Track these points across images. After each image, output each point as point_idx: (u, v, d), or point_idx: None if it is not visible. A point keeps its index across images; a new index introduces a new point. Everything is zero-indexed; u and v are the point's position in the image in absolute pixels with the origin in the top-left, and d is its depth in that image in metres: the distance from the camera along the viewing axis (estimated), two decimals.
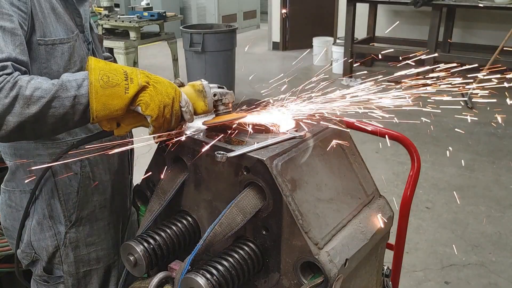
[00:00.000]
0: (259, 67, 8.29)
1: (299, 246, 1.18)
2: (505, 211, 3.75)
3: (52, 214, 1.49)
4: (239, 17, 11.48)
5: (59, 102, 1.11)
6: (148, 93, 1.16)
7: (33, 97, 1.10)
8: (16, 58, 1.16)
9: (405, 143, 1.60)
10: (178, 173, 1.37)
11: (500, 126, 5.37)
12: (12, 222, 1.53)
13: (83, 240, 1.54)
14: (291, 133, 1.31)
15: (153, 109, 1.15)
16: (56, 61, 1.32)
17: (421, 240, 3.40)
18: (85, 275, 1.57)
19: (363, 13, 7.55)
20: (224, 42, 6.02)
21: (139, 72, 1.18)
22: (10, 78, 1.09)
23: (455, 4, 6.47)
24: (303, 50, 9.06)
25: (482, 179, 4.28)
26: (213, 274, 1.15)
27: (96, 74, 1.13)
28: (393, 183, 4.12)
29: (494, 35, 6.82)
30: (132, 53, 6.36)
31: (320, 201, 1.25)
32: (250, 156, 1.19)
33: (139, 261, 1.27)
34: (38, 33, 1.28)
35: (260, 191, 1.21)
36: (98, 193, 1.54)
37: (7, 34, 1.16)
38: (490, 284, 2.97)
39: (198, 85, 1.29)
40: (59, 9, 1.34)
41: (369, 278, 1.44)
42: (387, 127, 1.63)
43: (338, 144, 1.38)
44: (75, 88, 1.13)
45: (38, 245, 1.51)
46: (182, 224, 1.38)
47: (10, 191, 1.51)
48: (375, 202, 1.43)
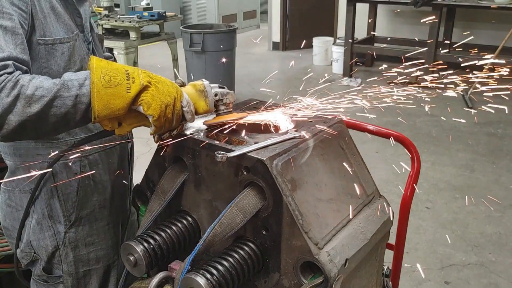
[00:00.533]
0: (259, 67, 8.29)
1: (299, 246, 1.18)
2: (505, 211, 3.75)
3: (51, 214, 1.49)
4: (239, 17, 11.48)
5: (61, 101, 1.11)
6: (150, 93, 1.16)
7: (35, 96, 1.09)
8: (17, 57, 1.16)
9: (405, 143, 1.60)
10: (178, 173, 1.37)
11: (500, 126, 5.37)
12: (12, 221, 1.53)
13: (82, 240, 1.54)
14: (291, 133, 1.31)
15: (154, 108, 1.15)
16: (56, 60, 1.32)
17: (421, 240, 3.40)
18: (84, 275, 1.57)
19: (363, 13, 7.55)
20: (224, 42, 6.02)
21: (141, 72, 1.18)
22: (11, 77, 1.09)
23: (455, 4, 6.48)
24: (303, 50, 9.07)
25: (482, 179, 4.28)
26: (213, 274, 1.15)
27: (98, 73, 1.13)
28: (393, 183, 4.12)
29: (494, 35, 6.82)
30: (132, 53, 6.36)
31: (320, 201, 1.25)
32: (250, 156, 1.19)
33: (139, 261, 1.27)
34: (38, 32, 1.28)
35: (260, 191, 1.21)
36: (97, 193, 1.54)
37: (8, 33, 1.16)
38: (490, 284, 2.97)
39: (199, 85, 1.30)
40: (59, 9, 1.34)
41: (369, 278, 1.44)
42: (387, 127, 1.63)
43: (338, 144, 1.37)
44: (77, 88, 1.13)
45: (37, 245, 1.51)
46: (182, 224, 1.38)
47: (10, 191, 1.51)
48: (375, 202, 1.43)
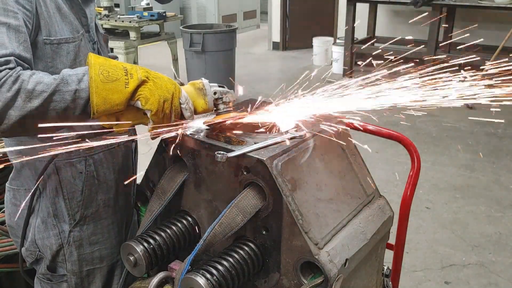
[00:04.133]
0: (259, 67, 8.29)
1: (299, 246, 1.18)
2: (505, 211, 3.75)
3: (56, 213, 1.49)
4: (239, 17, 11.48)
5: (60, 96, 1.12)
6: (148, 88, 1.17)
7: (35, 91, 1.11)
8: (19, 55, 1.17)
9: (405, 143, 1.60)
10: (178, 173, 1.37)
11: (500, 126, 5.37)
12: (17, 220, 1.53)
13: (87, 239, 1.54)
14: (291, 133, 1.31)
15: (152, 103, 1.16)
16: (61, 60, 1.34)
17: (421, 240, 3.40)
18: (88, 274, 1.58)
19: (363, 13, 7.55)
20: (224, 42, 6.02)
21: (139, 68, 1.20)
22: (12, 72, 1.11)
23: (455, 4, 6.48)
24: (303, 50, 9.07)
25: (482, 179, 4.28)
26: (213, 274, 1.15)
27: (96, 69, 1.15)
28: (393, 183, 4.12)
29: (494, 35, 6.82)
30: (132, 53, 6.36)
31: (320, 201, 1.25)
32: (250, 156, 1.19)
33: (139, 261, 1.27)
34: (44, 32, 1.29)
35: (260, 191, 1.21)
36: (102, 192, 1.54)
37: (12, 31, 1.17)
38: (490, 284, 2.97)
39: (198, 83, 1.31)
40: (64, 9, 1.36)
41: (369, 278, 1.44)
42: (387, 127, 1.63)
43: (338, 144, 1.37)
44: (76, 83, 1.14)
45: (42, 244, 1.52)
46: (182, 224, 1.38)
47: (15, 190, 1.52)
48: (375, 202, 1.43)
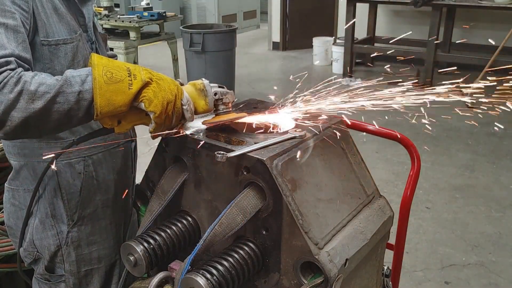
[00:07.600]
0: (259, 67, 8.28)
1: (299, 246, 1.18)
2: (505, 211, 3.75)
3: (54, 213, 1.49)
4: (239, 17, 11.47)
5: (64, 97, 1.11)
6: (152, 90, 1.16)
7: (38, 92, 1.09)
8: (19, 55, 1.16)
9: (405, 143, 1.60)
10: (178, 173, 1.37)
11: (500, 126, 5.37)
12: (16, 220, 1.53)
13: (85, 239, 1.54)
14: (291, 133, 1.31)
15: (156, 105, 1.16)
16: (59, 61, 1.33)
17: (421, 240, 3.40)
18: (86, 274, 1.57)
19: (363, 13, 7.55)
20: (224, 42, 6.01)
21: (142, 69, 1.19)
22: (14, 73, 1.09)
23: (455, 4, 6.48)
24: (303, 50, 9.07)
25: (482, 179, 4.28)
26: (213, 274, 1.15)
27: (99, 70, 1.14)
28: (393, 183, 4.12)
29: (494, 35, 6.82)
30: (132, 53, 6.36)
31: (320, 201, 1.25)
32: (250, 156, 1.19)
33: (139, 261, 1.27)
34: (41, 33, 1.28)
35: (260, 191, 1.21)
36: (100, 192, 1.54)
37: (10, 31, 1.16)
38: (490, 284, 2.97)
39: (199, 84, 1.30)
40: (61, 9, 1.34)
41: (369, 278, 1.44)
42: (387, 127, 1.63)
43: (338, 144, 1.37)
44: (79, 84, 1.12)
45: (40, 244, 1.52)
46: (182, 224, 1.38)
47: (14, 190, 1.51)
48: (375, 202, 1.43)
